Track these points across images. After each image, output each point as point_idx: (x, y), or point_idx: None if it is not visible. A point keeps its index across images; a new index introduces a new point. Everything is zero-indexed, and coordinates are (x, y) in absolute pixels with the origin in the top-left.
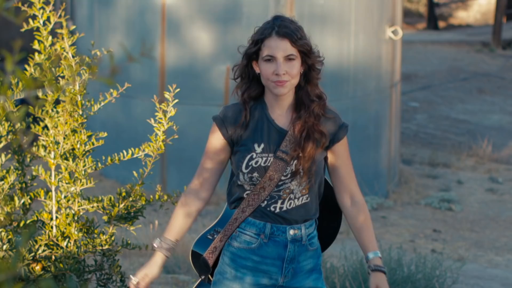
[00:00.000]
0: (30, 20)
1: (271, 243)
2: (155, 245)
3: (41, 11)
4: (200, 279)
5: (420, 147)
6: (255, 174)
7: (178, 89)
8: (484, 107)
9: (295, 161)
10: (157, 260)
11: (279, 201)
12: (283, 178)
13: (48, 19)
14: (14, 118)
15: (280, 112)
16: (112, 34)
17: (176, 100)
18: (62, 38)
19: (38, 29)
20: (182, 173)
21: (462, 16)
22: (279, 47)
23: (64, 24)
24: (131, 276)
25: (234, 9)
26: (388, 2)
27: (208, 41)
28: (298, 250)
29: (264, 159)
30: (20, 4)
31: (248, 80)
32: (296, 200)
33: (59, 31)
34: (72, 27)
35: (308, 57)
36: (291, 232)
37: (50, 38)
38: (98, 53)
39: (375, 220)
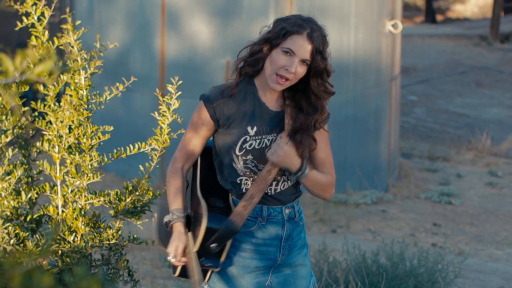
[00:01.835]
0: (24, 18)
1: (268, 225)
2: (169, 219)
3: (34, 7)
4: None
5: (419, 140)
6: (249, 157)
7: (180, 81)
8: (482, 101)
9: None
10: (180, 229)
11: (274, 183)
12: None
13: (43, 14)
14: (8, 98)
15: (270, 96)
16: (112, 27)
17: (180, 93)
18: (68, 33)
19: (33, 25)
20: None
21: (460, 9)
22: (303, 48)
23: (69, 19)
24: (168, 258)
25: (234, 3)
26: None
27: (208, 35)
28: (292, 227)
29: (258, 141)
30: (12, 3)
31: (254, 59)
32: (289, 181)
33: (64, 26)
34: (77, 22)
35: (313, 76)
36: (287, 211)
37: (46, 32)
38: (99, 45)
39: (375, 214)
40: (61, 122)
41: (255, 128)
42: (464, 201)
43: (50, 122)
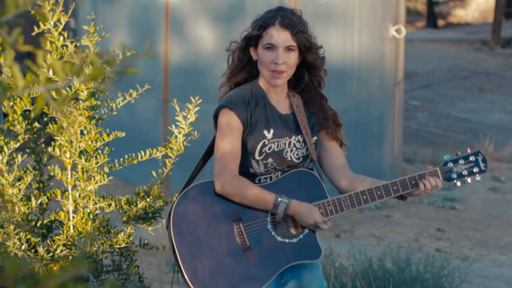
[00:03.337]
0: (41, 23)
1: None
2: (285, 204)
3: (51, 13)
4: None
5: (421, 146)
6: (270, 160)
7: (200, 100)
8: (484, 106)
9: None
10: (302, 203)
11: None
12: (295, 161)
13: (59, 20)
14: (55, 105)
15: (278, 98)
16: (115, 32)
17: (198, 108)
18: (87, 36)
19: (49, 30)
20: (185, 171)
21: (460, 14)
22: (281, 37)
23: (92, 24)
24: (323, 226)
25: (237, 7)
26: (392, 0)
27: (211, 40)
28: None
29: (276, 144)
30: (29, 8)
31: (241, 63)
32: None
33: (85, 27)
34: (97, 27)
35: (306, 52)
36: None
37: (61, 38)
38: (116, 52)
39: (379, 219)
40: (73, 127)
41: (271, 131)
42: (468, 206)
43: (62, 127)
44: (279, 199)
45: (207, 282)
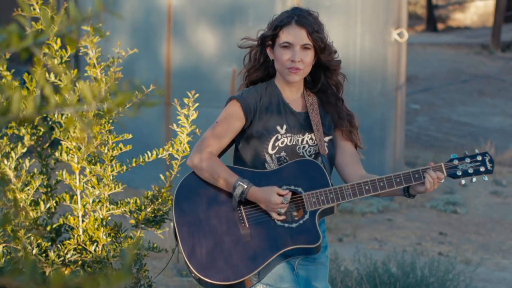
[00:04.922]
0: (33, 23)
1: None
2: (242, 189)
3: (42, 11)
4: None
5: (422, 149)
6: (283, 154)
7: (197, 95)
8: (485, 109)
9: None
10: (259, 189)
11: None
12: (308, 157)
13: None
14: (84, 126)
15: (293, 97)
16: (117, 35)
17: (197, 104)
18: (88, 36)
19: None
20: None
21: (459, 18)
22: (297, 36)
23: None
24: (284, 202)
25: (240, 11)
26: (394, 4)
27: (214, 43)
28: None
29: (289, 138)
30: (20, 11)
31: (258, 63)
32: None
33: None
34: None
35: (321, 52)
36: None
37: (59, 40)
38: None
39: (381, 222)
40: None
41: (284, 127)
42: (470, 210)
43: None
44: (239, 182)
45: (204, 261)
